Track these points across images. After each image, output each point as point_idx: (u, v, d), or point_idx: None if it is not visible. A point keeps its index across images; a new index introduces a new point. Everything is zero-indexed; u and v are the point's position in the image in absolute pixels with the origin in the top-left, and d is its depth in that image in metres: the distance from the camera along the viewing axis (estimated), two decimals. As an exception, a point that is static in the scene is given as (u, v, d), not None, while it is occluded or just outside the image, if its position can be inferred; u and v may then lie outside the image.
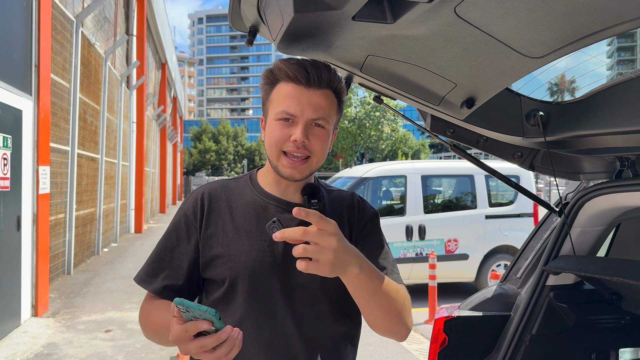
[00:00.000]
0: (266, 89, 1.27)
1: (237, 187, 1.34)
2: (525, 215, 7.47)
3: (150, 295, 1.31)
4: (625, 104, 1.40)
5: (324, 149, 1.24)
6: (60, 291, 7.28)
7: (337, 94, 1.26)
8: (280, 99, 1.21)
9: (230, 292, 1.24)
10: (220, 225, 1.27)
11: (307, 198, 1.28)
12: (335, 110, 1.26)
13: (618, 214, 1.79)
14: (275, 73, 1.23)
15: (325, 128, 1.23)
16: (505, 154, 1.82)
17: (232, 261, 1.23)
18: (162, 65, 23.76)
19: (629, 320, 1.96)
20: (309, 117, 1.20)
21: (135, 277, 1.31)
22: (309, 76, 1.19)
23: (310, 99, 1.20)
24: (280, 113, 1.20)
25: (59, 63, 7.62)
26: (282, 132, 1.20)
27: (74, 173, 8.40)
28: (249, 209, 1.29)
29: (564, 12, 1.04)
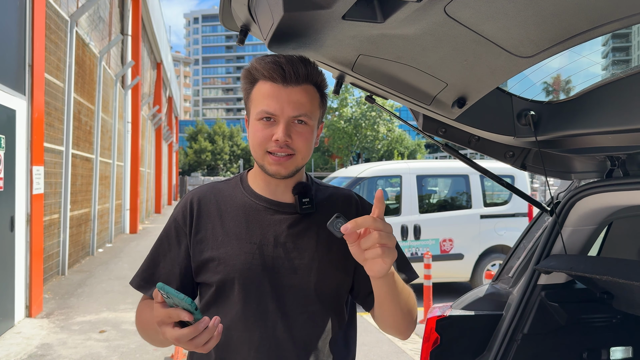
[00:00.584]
0: (246, 88, 1.26)
1: (227, 189, 1.34)
2: (520, 215, 7.50)
3: (145, 297, 1.33)
4: (615, 103, 1.40)
5: (308, 145, 1.22)
6: (54, 292, 7.25)
7: (318, 87, 1.24)
8: (260, 99, 1.21)
9: (221, 296, 1.24)
10: (210, 229, 1.27)
11: (298, 197, 1.27)
12: (318, 104, 1.25)
13: (609, 213, 1.80)
14: (253, 72, 1.23)
15: (307, 124, 1.21)
16: (497, 153, 1.82)
17: (222, 265, 1.23)
18: (157, 65, 23.70)
19: (620, 319, 1.97)
20: (290, 115, 1.19)
21: (132, 282, 1.32)
22: (285, 73, 1.18)
23: (289, 97, 1.18)
24: (260, 113, 1.20)
25: (53, 63, 7.59)
26: (264, 133, 1.20)
27: (69, 173, 8.37)
28: (238, 211, 1.28)
29: (552, 11, 1.04)
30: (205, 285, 1.28)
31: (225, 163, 60.72)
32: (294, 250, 1.24)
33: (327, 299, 1.26)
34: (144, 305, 1.30)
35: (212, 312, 1.25)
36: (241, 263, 1.22)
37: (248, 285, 1.22)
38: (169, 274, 1.28)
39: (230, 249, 1.24)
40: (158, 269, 1.29)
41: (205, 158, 59.03)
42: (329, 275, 1.26)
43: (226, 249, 1.24)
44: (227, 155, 60.68)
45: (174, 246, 1.29)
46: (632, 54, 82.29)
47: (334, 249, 1.27)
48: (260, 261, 1.23)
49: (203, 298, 1.28)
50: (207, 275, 1.25)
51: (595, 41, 1.22)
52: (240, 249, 1.23)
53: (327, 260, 1.26)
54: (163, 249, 1.31)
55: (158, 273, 1.29)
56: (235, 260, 1.22)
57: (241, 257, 1.23)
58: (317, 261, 1.24)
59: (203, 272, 1.26)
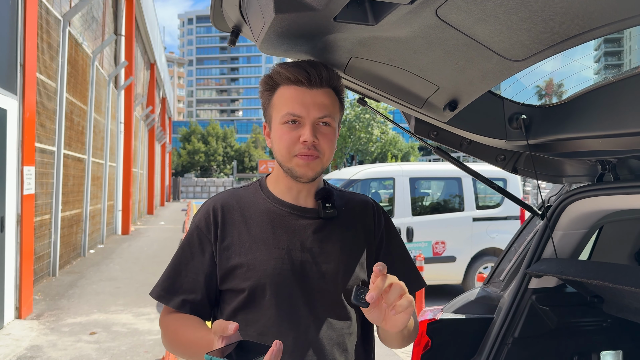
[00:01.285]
0: (266, 95, 1.26)
1: (247, 196, 1.34)
2: (512, 218, 7.52)
3: (168, 310, 1.30)
4: (606, 107, 1.41)
5: (332, 147, 1.24)
6: (44, 293, 7.19)
7: (337, 92, 1.26)
8: (284, 102, 1.21)
9: (251, 302, 1.23)
10: (236, 236, 1.27)
11: (321, 202, 1.29)
12: (338, 108, 1.27)
13: (600, 217, 1.80)
14: (275, 78, 1.23)
15: (331, 126, 1.23)
16: (488, 156, 1.83)
17: (251, 271, 1.23)
18: (151, 65, 23.62)
19: (610, 323, 1.97)
20: (316, 117, 1.20)
21: (152, 292, 1.30)
22: (310, 76, 1.19)
23: (314, 99, 1.20)
24: (285, 116, 1.20)
25: (45, 62, 7.55)
26: (291, 135, 1.20)
27: (60, 173, 8.31)
28: (263, 217, 1.28)
29: (543, 15, 1.04)
30: (232, 292, 1.26)
31: (219, 164, 60.61)
32: (321, 255, 1.25)
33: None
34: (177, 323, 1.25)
35: (241, 318, 1.24)
36: (272, 268, 1.22)
37: (280, 290, 1.22)
38: (193, 282, 1.26)
39: (259, 254, 1.24)
40: (180, 278, 1.28)
41: (198, 159, 58.90)
42: (354, 278, 1.28)
43: (255, 255, 1.24)
44: (221, 156, 60.59)
45: (198, 254, 1.28)
46: (624, 58, 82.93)
47: (356, 252, 1.30)
48: (289, 266, 1.23)
49: (229, 305, 1.26)
50: (235, 281, 1.24)
51: (587, 45, 1.22)
52: (270, 255, 1.23)
53: (352, 264, 1.28)
54: (185, 257, 1.29)
55: (180, 282, 1.27)
56: (266, 266, 1.22)
57: (271, 262, 1.23)
58: (344, 265, 1.26)
59: (231, 279, 1.25)
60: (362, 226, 1.34)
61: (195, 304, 1.26)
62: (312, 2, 1.03)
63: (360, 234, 1.33)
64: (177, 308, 1.26)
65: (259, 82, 1.31)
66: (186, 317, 1.25)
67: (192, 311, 1.26)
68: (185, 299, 1.26)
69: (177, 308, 1.26)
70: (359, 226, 1.34)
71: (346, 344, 1.26)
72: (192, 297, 1.26)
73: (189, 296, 1.26)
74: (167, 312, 1.30)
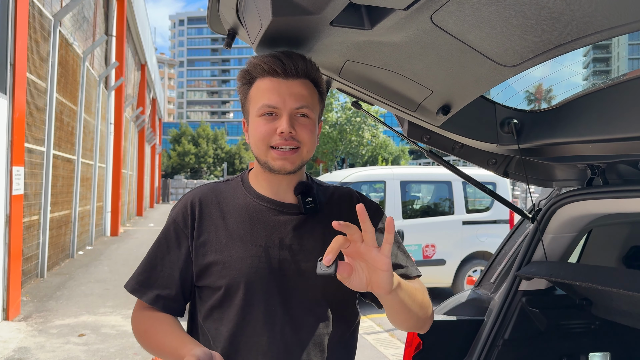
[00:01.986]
0: (244, 89, 1.24)
1: (228, 190, 1.30)
2: (501, 222, 7.57)
3: (142, 304, 1.27)
4: (595, 113, 1.43)
5: (312, 138, 1.20)
6: (32, 294, 7.13)
7: (315, 83, 1.23)
8: (260, 94, 1.18)
9: (227, 300, 1.20)
10: (213, 232, 1.23)
11: (300, 197, 1.24)
12: (317, 99, 1.23)
13: (589, 220, 1.83)
14: (251, 71, 1.20)
15: (310, 117, 1.19)
16: (480, 160, 1.85)
17: (227, 268, 1.19)
18: (141, 66, 23.52)
19: (599, 326, 2.00)
20: (292, 107, 1.16)
21: (127, 285, 1.26)
22: (285, 66, 1.16)
23: (290, 89, 1.17)
24: (262, 108, 1.17)
25: (35, 62, 7.49)
26: (267, 127, 1.17)
27: (49, 174, 8.25)
28: (241, 212, 1.25)
29: (536, 22, 1.06)
30: (208, 289, 1.23)
31: (209, 166, 60.39)
32: (300, 252, 1.22)
33: (335, 301, 1.24)
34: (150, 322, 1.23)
35: (217, 317, 1.22)
36: (248, 267, 1.19)
37: (255, 289, 1.19)
38: (168, 277, 1.24)
39: (235, 252, 1.20)
40: (155, 272, 1.25)
41: (188, 161, 58.64)
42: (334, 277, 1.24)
43: (231, 252, 1.20)
44: (211, 158, 60.37)
45: (174, 249, 1.25)
46: (612, 64, 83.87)
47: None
48: (266, 264, 1.20)
49: (206, 302, 1.24)
50: (210, 279, 1.21)
51: (577, 52, 1.24)
52: (246, 252, 1.20)
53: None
54: (161, 251, 1.26)
55: (155, 276, 1.24)
56: (241, 264, 1.19)
57: (247, 260, 1.19)
58: None
59: (206, 276, 1.22)
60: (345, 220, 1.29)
61: (169, 299, 1.23)
62: (309, 6, 1.04)
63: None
64: (150, 303, 1.23)
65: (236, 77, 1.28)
66: (158, 318, 1.22)
67: (165, 307, 1.23)
68: (159, 294, 1.23)
69: (151, 303, 1.23)
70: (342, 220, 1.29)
71: (324, 344, 1.22)
72: (166, 293, 1.23)
73: (163, 291, 1.23)
74: (140, 308, 1.27)
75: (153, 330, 1.21)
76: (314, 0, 1.02)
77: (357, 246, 0.98)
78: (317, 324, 1.22)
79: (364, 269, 1.00)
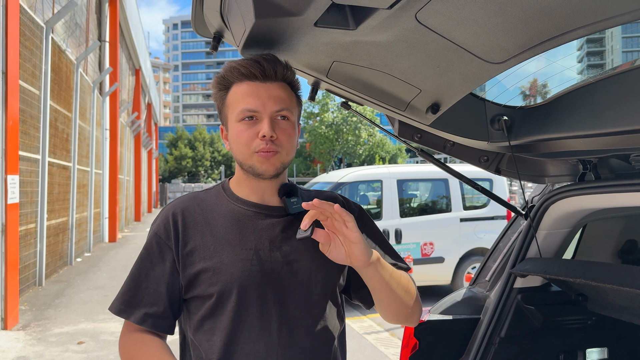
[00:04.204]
0: (220, 95, 1.22)
1: (210, 199, 1.27)
2: (498, 218, 7.58)
3: (130, 326, 1.21)
4: (585, 108, 1.43)
5: (292, 141, 1.20)
6: (31, 303, 7.10)
7: (292, 86, 1.23)
8: (239, 99, 1.17)
9: (219, 308, 1.17)
10: (200, 239, 1.20)
11: (285, 198, 1.24)
12: (295, 102, 1.23)
13: (582, 216, 1.82)
14: (227, 76, 1.19)
15: (289, 120, 1.19)
16: (471, 158, 1.84)
17: (218, 274, 1.16)
18: (136, 71, 23.47)
19: (595, 321, 2.00)
20: (273, 110, 1.16)
21: (111, 307, 1.21)
22: (265, 69, 1.16)
23: (269, 92, 1.16)
24: (241, 112, 1.16)
25: (28, 70, 7.47)
26: (249, 132, 1.16)
27: (45, 182, 8.22)
28: (227, 218, 1.22)
29: (521, 18, 1.05)
30: (198, 299, 1.19)
31: (207, 169, 60.33)
32: (291, 253, 1.20)
33: (328, 297, 1.24)
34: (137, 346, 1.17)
35: (208, 327, 1.18)
36: (240, 271, 1.16)
37: (250, 293, 1.16)
38: (154, 294, 1.19)
39: (225, 257, 1.17)
40: (140, 290, 1.20)
41: (185, 164, 58.56)
42: (329, 273, 1.24)
43: (220, 258, 1.17)
44: (208, 161, 60.29)
45: (158, 263, 1.20)
46: (606, 58, 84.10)
47: None
48: (259, 267, 1.17)
49: (195, 314, 1.19)
50: (201, 287, 1.17)
51: (570, 46, 1.24)
52: (237, 256, 1.17)
53: (324, 258, 1.21)
54: (145, 268, 1.21)
55: (141, 294, 1.19)
56: (233, 269, 1.16)
57: (239, 264, 1.16)
58: (317, 261, 1.21)
59: (196, 286, 1.18)
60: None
61: (157, 317, 1.18)
62: (292, 8, 1.03)
63: None
64: (138, 322, 1.18)
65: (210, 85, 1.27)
66: (146, 344, 1.16)
67: (155, 325, 1.18)
68: (146, 312, 1.18)
69: (139, 322, 1.18)
70: None
71: (323, 346, 1.21)
72: (154, 310, 1.18)
73: (151, 309, 1.18)
74: (127, 330, 1.22)
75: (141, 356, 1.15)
76: (296, 2, 1.01)
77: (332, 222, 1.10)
78: (314, 323, 1.21)
79: (343, 243, 1.12)
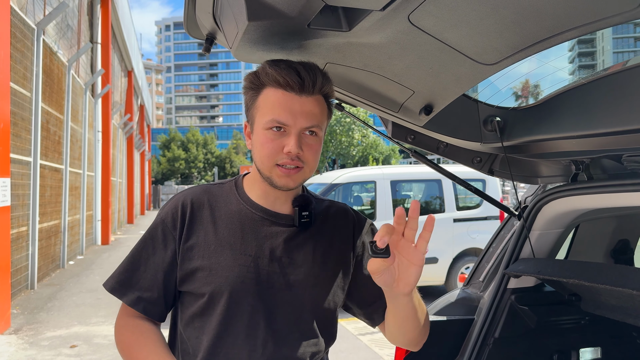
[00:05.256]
0: (251, 94, 1.17)
1: (221, 194, 1.25)
2: (492, 218, 7.61)
3: (126, 311, 1.22)
4: (577, 109, 1.43)
5: (317, 157, 1.16)
6: (23, 307, 7.05)
7: (326, 97, 1.18)
8: (269, 107, 1.12)
9: (209, 308, 1.16)
10: (202, 236, 1.19)
11: (298, 210, 1.22)
12: (327, 115, 1.19)
13: (575, 216, 1.83)
14: (262, 78, 1.14)
15: (318, 135, 1.15)
16: (464, 159, 1.84)
17: (213, 275, 1.15)
18: (128, 73, 23.39)
19: (588, 321, 2.00)
20: (303, 126, 1.11)
21: (106, 284, 1.21)
22: (303, 82, 1.11)
23: (302, 107, 1.11)
24: (270, 122, 1.11)
25: (19, 72, 7.42)
26: (274, 144, 1.12)
27: (37, 184, 8.17)
28: (233, 219, 1.21)
29: (513, 19, 1.06)
30: (191, 295, 1.19)
31: (200, 171, 60.18)
32: (290, 266, 1.19)
33: (320, 317, 1.22)
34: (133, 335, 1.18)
35: (197, 325, 1.18)
36: (235, 276, 1.15)
37: (240, 299, 1.15)
38: (151, 280, 1.19)
39: (223, 259, 1.16)
40: (138, 273, 1.20)
41: (178, 166, 58.38)
42: (323, 292, 1.22)
43: (218, 259, 1.16)
44: (201, 163, 60.15)
45: (160, 250, 1.20)
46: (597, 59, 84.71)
47: (329, 265, 1.23)
48: (254, 275, 1.16)
49: (188, 309, 1.20)
50: (195, 285, 1.17)
51: (562, 47, 1.24)
52: (235, 261, 1.16)
53: (323, 277, 1.22)
54: (146, 252, 1.21)
55: (137, 277, 1.20)
56: (229, 272, 1.15)
57: (235, 269, 1.16)
58: (313, 277, 1.20)
59: (190, 282, 1.17)
60: (339, 237, 1.28)
61: (150, 302, 1.19)
62: (285, 10, 1.03)
63: (335, 245, 1.26)
64: (130, 304, 1.19)
65: (243, 77, 1.22)
66: (142, 332, 1.17)
67: (146, 310, 1.19)
68: (140, 296, 1.19)
69: (131, 304, 1.19)
70: (335, 237, 1.27)
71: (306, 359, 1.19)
72: (148, 295, 1.19)
73: (145, 294, 1.19)
74: (125, 315, 1.22)
75: (137, 346, 1.16)
76: (289, 3, 1.01)
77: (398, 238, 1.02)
78: (301, 339, 1.19)
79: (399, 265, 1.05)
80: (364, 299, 1.29)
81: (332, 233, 1.28)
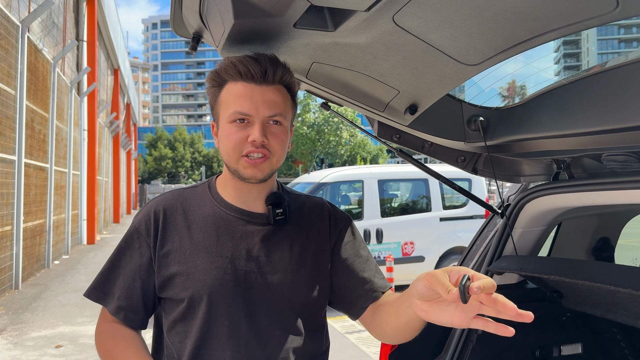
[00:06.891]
0: (213, 91, 1.18)
1: (194, 198, 1.25)
2: (477, 217, 7.68)
3: (106, 317, 1.23)
4: (558, 109, 1.46)
5: (283, 146, 1.17)
6: (7, 307, 6.97)
7: (289, 89, 1.19)
8: (232, 100, 1.13)
9: (190, 313, 1.16)
10: (177, 242, 1.19)
11: (271, 208, 1.21)
12: (290, 105, 1.19)
13: (557, 214, 1.86)
14: (222, 73, 1.15)
15: (282, 125, 1.16)
16: (449, 158, 1.87)
17: (190, 280, 1.15)
18: (114, 71, 23.21)
19: (569, 317, 2.04)
20: (265, 115, 1.12)
21: (87, 293, 1.23)
22: (262, 72, 1.12)
23: (264, 96, 1.13)
24: (233, 114, 1.13)
25: (3, 69, 7.34)
26: (239, 135, 1.13)
27: (21, 183, 8.08)
28: (208, 222, 1.21)
29: (495, 21, 1.08)
30: (171, 301, 1.19)
31: (187, 170, 59.81)
32: (267, 264, 1.19)
33: (303, 314, 1.22)
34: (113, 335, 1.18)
35: (180, 330, 1.18)
36: (212, 278, 1.15)
37: (219, 302, 1.15)
38: (129, 288, 1.19)
39: (199, 263, 1.16)
40: (117, 282, 1.21)
41: (165, 165, 57.98)
42: (303, 289, 1.21)
43: (195, 263, 1.16)
44: (189, 162, 59.78)
45: (135, 258, 1.20)
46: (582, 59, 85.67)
47: (308, 262, 1.23)
48: (232, 276, 1.16)
49: (169, 315, 1.19)
50: (173, 291, 1.17)
51: (547, 47, 1.26)
52: (211, 263, 1.16)
53: (302, 274, 1.21)
54: (124, 260, 1.22)
55: (117, 286, 1.20)
56: (206, 276, 1.15)
57: (212, 271, 1.15)
58: (291, 275, 1.20)
59: (169, 288, 1.17)
60: (316, 232, 1.28)
61: (130, 311, 1.19)
62: (270, 9, 1.04)
63: (313, 241, 1.26)
64: (112, 313, 1.20)
65: (205, 79, 1.23)
66: (124, 338, 1.18)
67: (126, 318, 1.19)
68: (120, 305, 1.19)
69: (112, 313, 1.19)
70: (312, 232, 1.27)
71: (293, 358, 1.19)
72: (127, 304, 1.19)
73: (124, 302, 1.19)
74: (104, 320, 1.23)
75: (118, 351, 1.16)
76: (275, 3, 1.02)
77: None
78: (284, 337, 1.18)
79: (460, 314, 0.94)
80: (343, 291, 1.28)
81: (309, 228, 1.27)
